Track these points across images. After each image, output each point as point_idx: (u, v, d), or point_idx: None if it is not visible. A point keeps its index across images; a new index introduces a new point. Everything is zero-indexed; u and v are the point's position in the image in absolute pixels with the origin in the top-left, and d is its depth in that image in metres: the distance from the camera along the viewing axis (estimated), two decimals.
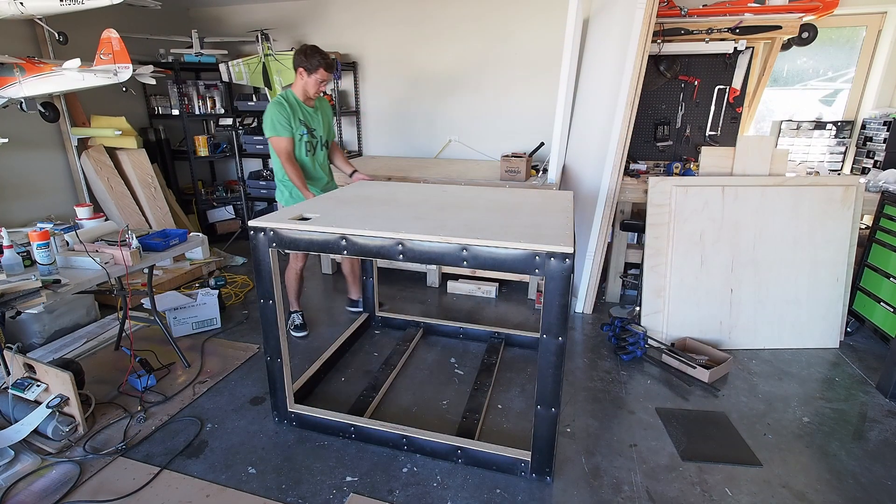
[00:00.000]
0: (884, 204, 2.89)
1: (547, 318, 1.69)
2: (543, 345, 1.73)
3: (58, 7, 2.85)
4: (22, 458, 1.96)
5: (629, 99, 2.84)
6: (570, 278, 1.65)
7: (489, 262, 1.70)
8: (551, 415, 1.79)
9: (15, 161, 3.52)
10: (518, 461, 1.91)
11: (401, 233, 1.76)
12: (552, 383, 1.76)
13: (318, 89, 2.74)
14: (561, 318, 1.67)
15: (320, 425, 2.17)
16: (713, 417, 2.27)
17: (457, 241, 1.70)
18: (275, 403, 2.22)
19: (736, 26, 3.31)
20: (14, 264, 2.10)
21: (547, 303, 1.68)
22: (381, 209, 2.14)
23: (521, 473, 1.92)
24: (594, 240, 3.20)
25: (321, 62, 2.66)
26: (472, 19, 4.27)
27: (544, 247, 1.63)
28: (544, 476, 1.89)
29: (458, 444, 1.97)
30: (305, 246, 1.89)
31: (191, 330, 3.02)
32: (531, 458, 1.89)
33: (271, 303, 2.04)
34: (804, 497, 1.82)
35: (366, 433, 2.10)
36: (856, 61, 3.79)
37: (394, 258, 1.80)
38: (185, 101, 4.49)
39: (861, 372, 2.65)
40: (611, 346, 2.90)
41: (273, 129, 2.67)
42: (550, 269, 1.64)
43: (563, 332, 1.68)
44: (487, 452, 1.94)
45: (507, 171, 3.42)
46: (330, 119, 2.99)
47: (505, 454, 1.92)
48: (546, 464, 1.87)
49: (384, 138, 4.87)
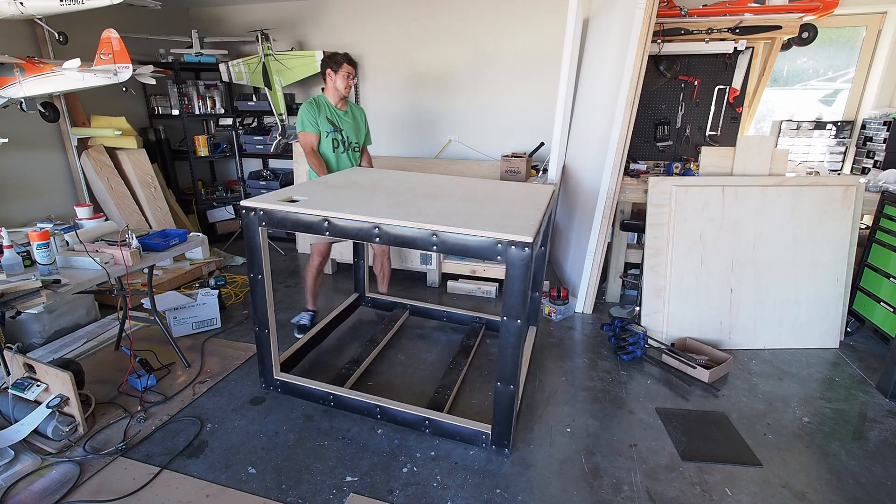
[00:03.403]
0: (884, 204, 2.89)
1: (508, 302, 1.82)
2: (504, 326, 1.85)
3: (58, 7, 2.85)
4: (22, 458, 1.96)
5: (629, 99, 2.84)
6: (530, 266, 1.74)
7: (456, 248, 1.81)
8: (510, 391, 1.93)
9: (15, 161, 3.52)
10: (480, 433, 2.05)
11: (378, 217, 1.89)
12: (511, 362, 1.89)
13: (347, 84, 2.98)
14: (521, 302, 1.79)
15: (302, 392, 2.35)
16: (713, 417, 2.27)
17: (428, 228, 1.82)
18: (262, 371, 2.41)
19: (736, 26, 3.31)
20: (14, 264, 2.10)
21: (508, 288, 1.80)
22: (365, 195, 2.25)
23: (482, 445, 2.06)
24: (594, 240, 3.20)
25: (343, 58, 2.95)
26: (472, 19, 4.27)
27: (507, 235, 1.73)
28: (503, 448, 2.03)
29: (427, 416, 2.12)
30: (292, 226, 2.04)
31: (191, 330, 3.02)
32: (491, 430, 2.03)
33: (260, 277, 2.20)
34: (804, 497, 1.82)
35: (343, 401, 2.26)
36: (856, 61, 3.79)
37: (371, 240, 1.94)
38: (185, 101, 4.49)
39: (861, 372, 2.65)
40: (611, 346, 2.90)
41: (301, 126, 2.94)
42: (511, 257, 1.74)
43: (523, 314, 1.81)
44: (453, 424, 2.09)
45: (507, 170, 3.42)
46: (360, 124, 3.18)
47: (468, 426, 2.07)
48: (505, 436, 2.01)
49: (384, 138, 4.87)
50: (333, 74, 2.95)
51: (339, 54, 2.94)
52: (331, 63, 2.94)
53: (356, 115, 3.14)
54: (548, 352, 2.86)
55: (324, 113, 2.95)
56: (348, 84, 2.98)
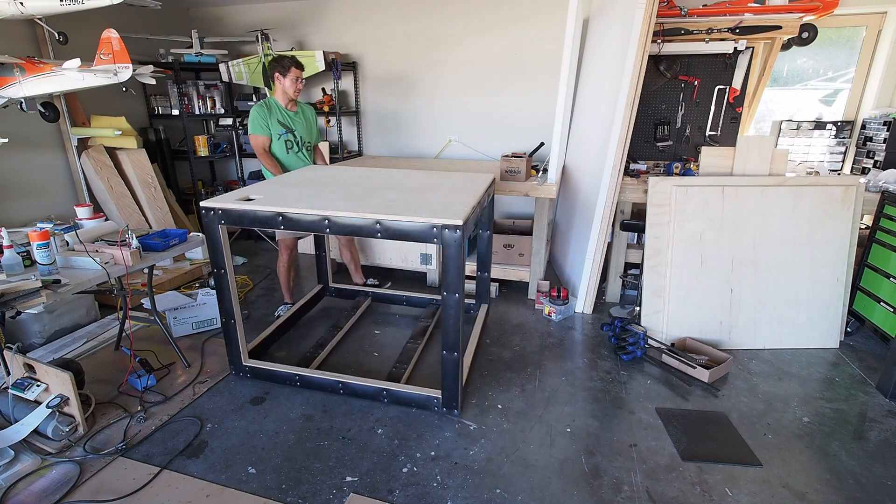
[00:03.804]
0: (884, 204, 2.89)
1: (447, 279, 2.06)
2: (445, 301, 2.09)
3: (58, 7, 2.85)
4: (22, 458, 1.96)
5: (629, 99, 2.84)
6: (463, 246, 1.99)
7: (398, 234, 2.02)
8: (454, 358, 2.17)
9: (15, 161, 3.52)
10: (431, 398, 2.30)
11: (328, 210, 2.08)
12: (453, 331, 2.12)
13: (296, 87, 3.02)
14: (458, 278, 2.04)
15: (271, 376, 2.52)
16: (713, 417, 2.28)
17: (371, 217, 2.03)
18: (231, 359, 2.57)
19: (736, 26, 3.31)
20: (14, 264, 2.10)
21: (445, 266, 2.04)
22: (318, 191, 2.41)
23: (434, 409, 2.31)
24: (594, 240, 3.20)
25: (291, 62, 2.97)
26: (472, 19, 4.26)
27: (441, 220, 1.95)
28: (452, 409, 2.28)
29: (384, 387, 2.35)
30: (250, 222, 2.21)
31: (191, 330, 3.02)
32: (441, 395, 2.28)
33: (223, 272, 2.38)
34: (804, 497, 1.82)
35: (308, 380, 2.46)
36: (856, 61, 3.79)
37: (322, 231, 2.12)
38: (185, 101, 4.49)
39: (861, 372, 2.65)
40: (611, 346, 2.90)
41: (252, 128, 3.00)
42: (445, 239, 1.97)
43: (460, 289, 2.06)
44: (407, 392, 2.34)
45: (507, 170, 3.41)
46: (312, 123, 3.24)
47: (421, 393, 2.32)
48: (453, 399, 2.26)
49: (384, 138, 4.87)
50: (282, 78, 2.98)
51: (287, 57, 2.98)
52: (278, 67, 2.97)
53: (307, 115, 3.19)
54: (548, 352, 2.87)
55: (275, 115, 3.01)
56: (297, 87, 3.02)
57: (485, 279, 3.21)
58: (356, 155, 4.87)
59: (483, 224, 3.07)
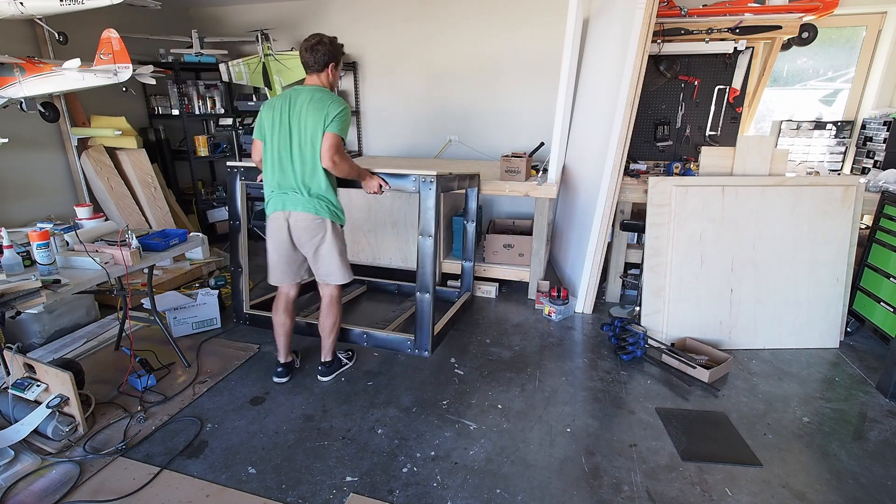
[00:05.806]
0: (884, 204, 2.89)
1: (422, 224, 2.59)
2: (420, 245, 2.60)
3: (58, 7, 2.85)
4: (22, 458, 1.96)
5: (629, 99, 2.84)
6: (437, 196, 2.56)
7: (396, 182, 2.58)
8: (426, 298, 2.65)
9: (15, 161, 3.52)
10: (405, 340, 2.81)
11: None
12: (427, 273, 2.61)
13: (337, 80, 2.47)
14: (432, 224, 2.55)
15: (267, 322, 2.71)
16: (713, 417, 2.27)
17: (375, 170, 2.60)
18: (234, 307, 3.06)
19: (736, 26, 3.31)
20: (14, 264, 2.10)
21: (422, 211, 2.58)
22: None
23: (407, 350, 2.80)
24: (594, 240, 3.20)
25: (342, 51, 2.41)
26: (472, 19, 4.27)
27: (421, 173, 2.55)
28: (423, 351, 2.76)
29: (365, 331, 2.86)
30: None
31: (191, 330, 3.02)
32: (414, 336, 2.78)
33: (237, 223, 2.86)
34: (804, 497, 1.82)
35: (301, 326, 2.90)
36: (856, 61, 3.79)
37: None
38: (185, 101, 4.49)
39: (861, 372, 2.65)
40: (611, 346, 2.90)
41: (344, 129, 2.27)
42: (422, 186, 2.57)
43: (434, 232, 2.55)
44: (384, 336, 2.85)
45: (507, 170, 3.41)
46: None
47: (396, 336, 2.83)
48: (425, 341, 2.75)
49: (384, 138, 4.87)
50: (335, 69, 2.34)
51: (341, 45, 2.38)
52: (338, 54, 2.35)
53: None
54: (548, 352, 2.87)
55: None
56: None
57: (468, 269, 3.53)
58: (356, 155, 4.87)
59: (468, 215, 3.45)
